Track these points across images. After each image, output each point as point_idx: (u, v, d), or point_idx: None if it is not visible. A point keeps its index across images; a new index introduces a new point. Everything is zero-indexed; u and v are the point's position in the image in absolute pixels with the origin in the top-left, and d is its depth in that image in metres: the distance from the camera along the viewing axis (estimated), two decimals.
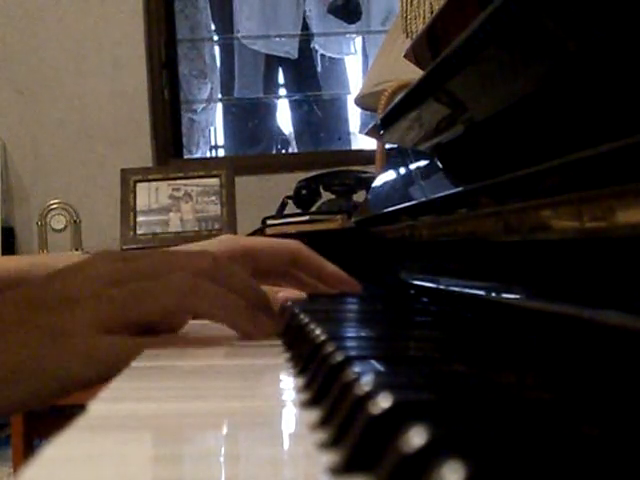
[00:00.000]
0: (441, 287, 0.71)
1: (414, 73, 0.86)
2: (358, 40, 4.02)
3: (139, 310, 0.56)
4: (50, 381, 0.55)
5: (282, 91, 4.12)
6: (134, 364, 0.50)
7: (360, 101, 2.03)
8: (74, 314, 0.55)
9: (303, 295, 0.74)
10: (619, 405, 0.30)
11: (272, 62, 3.97)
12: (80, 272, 0.59)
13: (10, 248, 2.71)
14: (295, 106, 4.04)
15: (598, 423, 0.27)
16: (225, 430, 0.35)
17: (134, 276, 0.58)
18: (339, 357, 0.37)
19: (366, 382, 0.31)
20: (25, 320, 0.56)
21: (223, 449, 0.32)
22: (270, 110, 4.08)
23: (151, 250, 0.65)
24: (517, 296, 0.52)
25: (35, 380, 0.55)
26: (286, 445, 0.32)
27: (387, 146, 1.49)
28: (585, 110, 0.43)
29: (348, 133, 3.95)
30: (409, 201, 0.82)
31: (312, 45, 3.94)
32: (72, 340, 0.55)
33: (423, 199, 0.77)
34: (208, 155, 3.92)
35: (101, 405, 0.37)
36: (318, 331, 0.47)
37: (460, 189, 0.65)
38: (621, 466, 0.22)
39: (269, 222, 2.17)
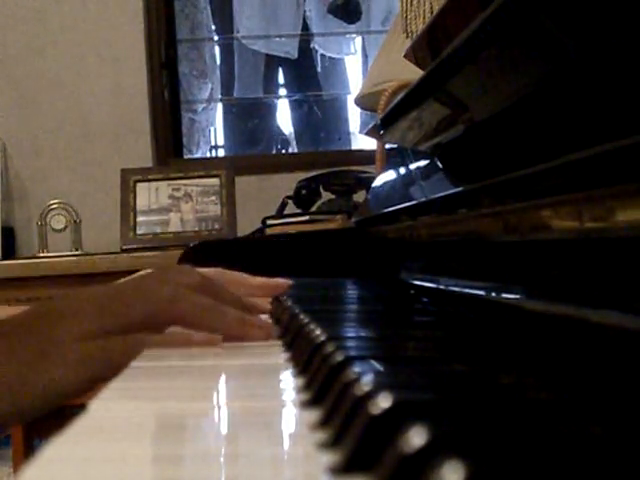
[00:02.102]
0: (441, 287, 0.71)
1: (414, 73, 0.86)
2: (358, 40, 4.02)
3: (124, 315, 0.57)
4: (40, 392, 0.55)
5: (282, 91, 4.12)
6: (134, 364, 0.50)
7: (360, 101, 2.03)
8: (61, 325, 0.57)
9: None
10: (619, 405, 0.30)
11: (272, 62, 3.97)
12: (71, 294, 0.61)
13: (10, 248, 2.71)
14: (295, 106, 4.03)
15: (598, 423, 0.27)
16: (225, 430, 0.35)
17: (122, 290, 0.60)
18: (339, 357, 0.37)
19: (366, 382, 0.31)
20: (11, 337, 0.57)
21: (223, 449, 0.32)
22: (270, 110, 4.08)
23: (142, 272, 0.67)
24: (517, 296, 0.52)
25: (24, 393, 0.55)
26: (286, 445, 0.32)
27: (387, 146, 1.49)
28: (585, 110, 0.43)
29: (348, 133, 3.94)
30: (409, 201, 0.82)
31: (312, 45, 3.94)
32: (60, 349, 0.56)
33: (423, 199, 0.77)
34: (208, 155, 3.92)
35: (101, 405, 0.37)
36: (318, 331, 0.47)
37: (460, 189, 0.65)
38: (621, 466, 0.22)
39: (269, 222, 2.17)
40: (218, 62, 3.93)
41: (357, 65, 4.05)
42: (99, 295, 0.59)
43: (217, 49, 3.97)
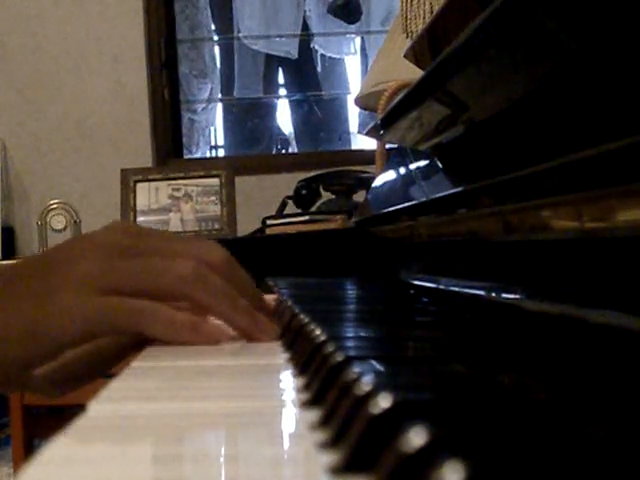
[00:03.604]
0: (441, 287, 0.71)
1: (414, 73, 0.86)
2: (358, 40, 4.02)
3: (135, 282, 0.54)
4: (40, 340, 0.54)
5: (282, 91, 4.12)
6: (134, 364, 0.49)
7: (360, 101, 2.03)
8: (68, 273, 0.54)
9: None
10: (619, 405, 0.30)
11: (272, 62, 3.97)
12: (86, 239, 0.57)
13: (10, 248, 2.71)
14: (295, 106, 4.04)
15: (598, 423, 0.27)
16: (225, 430, 0.35)
17: (140, 252, 0.56)
18: (339, 357, 0.37)
19: (366, 382, 0.31)
20: (16, 284, 0.55)
21: (223, 449, 0.32)
22: (270, 110, 4.08)
23: (167, 232, 0.64)
24: (517, 296, 0.52)
25: (24, 340, 0.53)
26: (286, 445, 0.32)
27: (387, 146, 1.49)
28: (585, 110, 0.43)
29: (348, 133, 3.94)
30: (409, 201, 0.82)
31: (312, 45, 3.94)
32: (62, 298, 0.53)
33: (423, 199, 0.77)
34: (208, 155, 3.92)
35: (101, 405, 0.37)
36: (318, 331, 0.47)
37: (460, 189, 0.65)
38: (621, 466, 0.22)
39: (269, 222, 2.17)
40: (218, 62, 3.93)
41: (357, 65, 4.05)
42: (122, 255, 0.55)
43: (217, 49, 3.98)
